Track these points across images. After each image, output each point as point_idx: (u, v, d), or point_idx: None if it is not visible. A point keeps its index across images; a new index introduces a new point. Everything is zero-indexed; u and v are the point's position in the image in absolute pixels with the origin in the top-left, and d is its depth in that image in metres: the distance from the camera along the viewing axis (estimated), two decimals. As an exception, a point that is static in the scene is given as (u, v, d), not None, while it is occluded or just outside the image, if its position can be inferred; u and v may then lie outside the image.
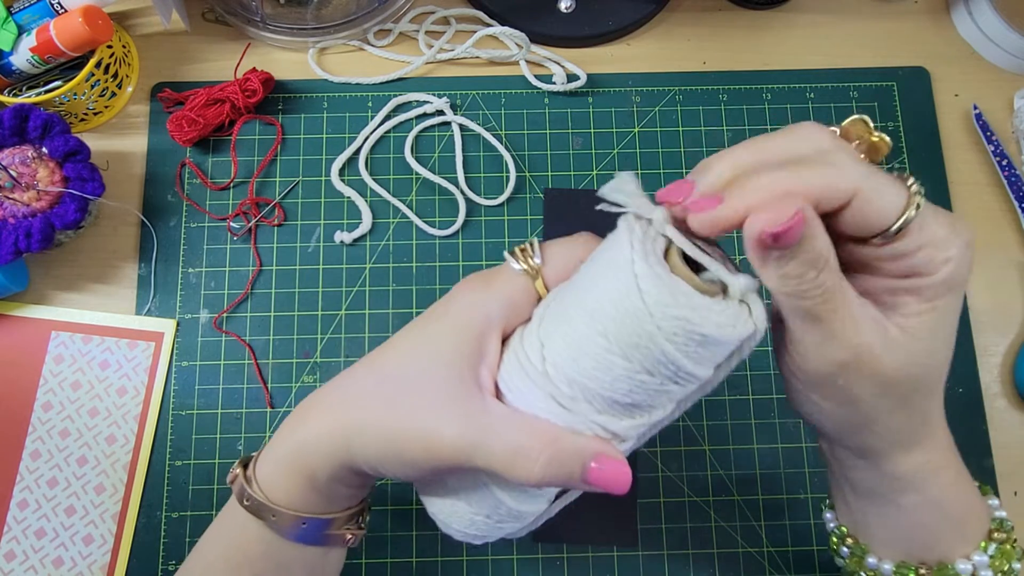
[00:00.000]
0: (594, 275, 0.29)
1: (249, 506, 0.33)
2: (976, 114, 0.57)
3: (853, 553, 0.34)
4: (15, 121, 0.50)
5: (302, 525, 0.33)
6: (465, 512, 0.33)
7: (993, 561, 0.31)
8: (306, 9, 0.58)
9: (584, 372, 0.28)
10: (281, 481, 0.33)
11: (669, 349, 0.27)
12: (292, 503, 0.33)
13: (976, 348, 0.53)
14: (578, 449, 0.28)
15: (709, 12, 0.61)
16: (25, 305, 0.53)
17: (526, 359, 0.30)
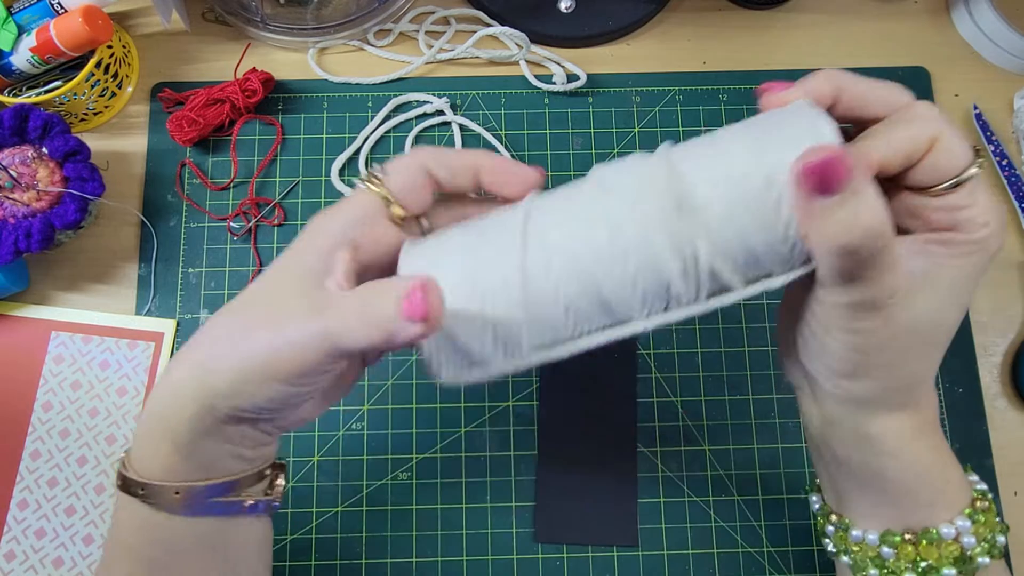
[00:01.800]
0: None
1: (121, 485, 0.31)
2: (976, 114, 0.57)
3: (838, 529, 0.35)
4: (15, 121, 0.50)
5: (174, 495, 0.31)
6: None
7: (976, 527, 0.32)
8: (306, 9, 0.58)
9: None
10: (148, 451, 0.31)
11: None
12: (163, 473, 0.31)
13: (976, 348, 0.53)
14: (390, 287, 0.28)
15: (709, 12, 0.61)
16: (25, 305, 0.53)
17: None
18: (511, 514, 0.50)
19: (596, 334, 0.31)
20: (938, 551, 0.31)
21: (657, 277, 0.29)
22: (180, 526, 0.32)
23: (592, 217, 0.30)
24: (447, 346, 0.31)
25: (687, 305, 0.30)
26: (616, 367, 0.52)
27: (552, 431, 0.51)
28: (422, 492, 0.50)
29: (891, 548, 0.32)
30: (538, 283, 0.30)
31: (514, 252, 0.30)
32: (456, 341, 0.30)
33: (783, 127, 0.29)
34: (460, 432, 0.51)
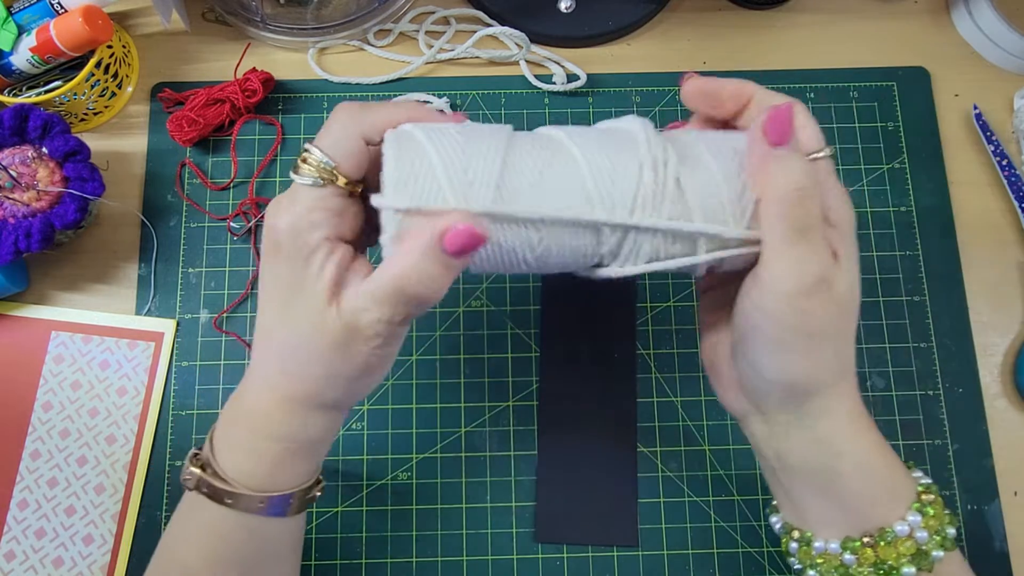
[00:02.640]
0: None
1: (232, 503, 0.34)
2: (976, 114, 0.57)
3: (801, 543, 0.35)
4: (15, 121, 0.50)
5: (289, 501, 0.35)
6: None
7: (926, 520, 0.32)
8: (306, 9, 0.58)
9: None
10: (263, 466, 0.34)
11: None
12: (289, 480, 0.35)
13: (976, 348, 0.53)
14: (429, 240, 0.31)
15: (709, 12, 0.61)
16: (25, 305, 0.53)
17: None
18: (511, 514, 0.50)
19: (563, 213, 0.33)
20: (895, 550, 0.32)
21: (629, 165, 0.33)
22: (275, 527, 0.35)
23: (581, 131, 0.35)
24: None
25: (650, 211, 0.32)
26: (616, 367, 0.52)
27: (552, 431, 0.51)
28: (422, 492, 0.50)
29: (852, 554, 0.33)
30: (520, 158, 0.33)
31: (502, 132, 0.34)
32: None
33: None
34: (460, 432, 0.51)
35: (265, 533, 0.35)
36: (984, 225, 0.56)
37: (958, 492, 0.50)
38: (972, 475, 0.51)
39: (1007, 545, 0.49)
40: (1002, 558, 0.49)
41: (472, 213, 0.31)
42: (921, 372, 0.53)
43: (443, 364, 0.53)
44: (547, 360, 0.53)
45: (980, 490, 0.50)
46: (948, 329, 0.53)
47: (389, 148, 0.32)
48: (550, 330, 0.53)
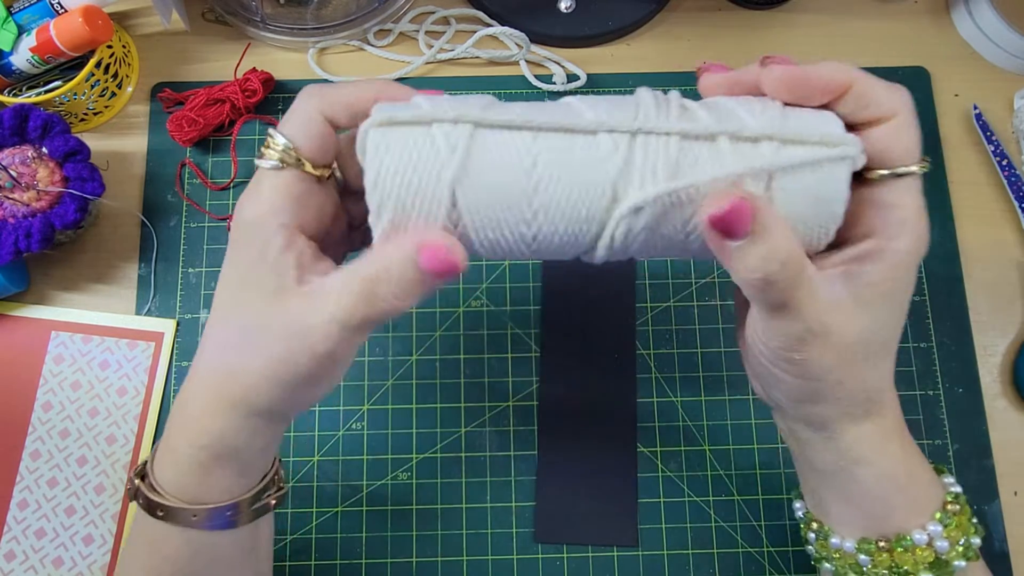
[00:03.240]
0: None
1: (164, 516, 0.31)
2: (976, 114, 0.57)
3: (819, 536, 0.35)
4: (15, 121, 0.50)
5: (227, 513, 0.32)
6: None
7: (948, 531, 0.32)
8: (306, 9, 0.58)
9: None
10: (189, 476, 0.31)
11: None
12: (220, 494, 0.32)
13: (976, 348, 0.53)
14: (407, 246, 0.29)
15: (709, 12, 0.61)
16: (25, 305, 0.53)
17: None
18: (511, 514, 0.50)
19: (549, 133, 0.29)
20: (912, 557, 0.32)
21: (628, 100, 0.30)
22: (222, 539, 0.32)
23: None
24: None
25: (654, 118, 0.29)
26: (616, 367, 0.52)
27: (552, 431, 0.51)
28: (422, 492, 0.50)
29: (867, 556, 0.33)
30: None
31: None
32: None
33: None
34: (460, 432, 0.51)
35: (212, 548, 0.32)
36: (984, 225, 0.56)
37: (958, 492, 0.51)
38: (972, 475, 0.51)
39: (1007, 545, 0.49)
40: (1002, 558, 0.49)
41: (446, 228, 0.29)
42: (921, 372, 0.53)
43: (443, 364, 0.53)
44: (547, 360, 0.53)
45: (980, 490, 0.50)
46: (948, 329, 0.53)
47: (371, 139, 0.29)
48: (550, 330, 0.53)
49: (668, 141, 0.28)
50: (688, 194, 0.28)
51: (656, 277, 0.54)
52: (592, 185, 0.29)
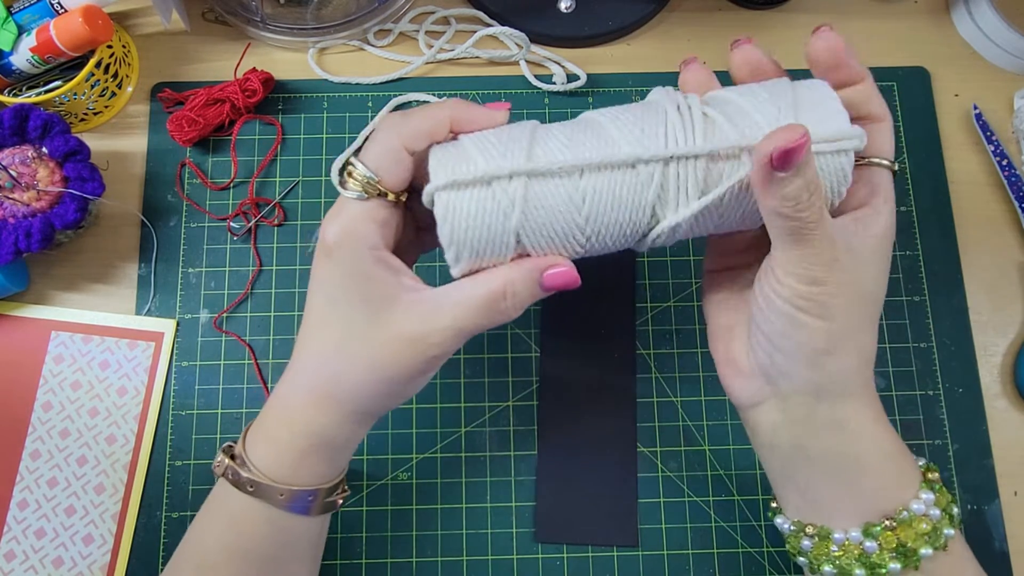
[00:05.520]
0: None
1: (253, 491, 0.35)
2: (976, 114, 0.57)
3: (818, 539, 0.35)
4: (15, 121, 0.50)
5: (308, 498, 0.35)
6: None
7: (938, 498, 0.34)
8: (306, 9, 0.58)
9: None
10: (285, 459, 0.35)
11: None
12: (311, 478, 0.35)
13: (976, 348, 0.53)
14: (532, 267, 0.34)
15: (709, 12, 0.61)
16: (25, 305, 0.53)
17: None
18: (511, 514, 0.50)
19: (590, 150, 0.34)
20: (913, 530, 0.33)
21: (655, 113, 0.34)
22: (298, 525, 0.36)
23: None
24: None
25: (683, 140, 0.33)
26: (616, 367, 0.52)
27: (552, 431, 0.51)
28: (422, 492, 0.50)
29: (873, 540, 0.33)
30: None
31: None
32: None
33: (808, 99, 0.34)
34: (460, 432, 0.51)
35: (287, 530, 0.36)
36: (984, 225, 0.56)
37: (958, 492, 0.50)
38: (972, 475, 0.51)
39: (1007, 545, 0.49)
40: (1002, 558, 0.49)
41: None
42: (921, 372, 0.53)
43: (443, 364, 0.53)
44: (547, 360, 0.53)
45: (980, 490, 0.50)
46: (948, 329, 0.53)
47: (438, 204, 0.33)
48: (550, 330, 0.53)
49: (696, 165, 0.33)
50: (715, 203, 0.33)
51: (656, 277, 0.54)
52: (635, 210, 0.33)
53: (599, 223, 0.33)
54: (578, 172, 0.33)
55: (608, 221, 0.33)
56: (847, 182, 0.34)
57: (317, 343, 0.35)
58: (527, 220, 0.33)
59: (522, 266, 0.34)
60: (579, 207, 0.33)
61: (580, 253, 0.35)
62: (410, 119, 0.34)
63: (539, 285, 0.34)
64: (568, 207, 0.33)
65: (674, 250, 0.55)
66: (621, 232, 0.34)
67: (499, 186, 0.33)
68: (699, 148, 0.32)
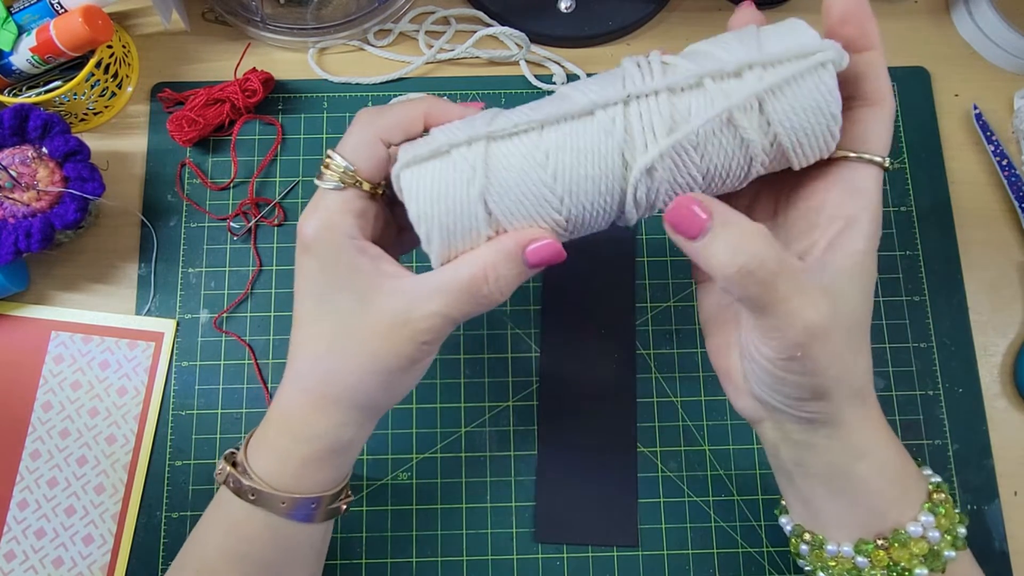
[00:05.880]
0: None
1: (254, 500, 0.34)
2: (976, 114, 0.57)
3: (813, 546, 0.35)
4: (15, 121, 0.50)
5: (311, 506, 0.35)
6: None
7: (939, 520, 0.32)
8: (306, 9, 0.58)
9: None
10: (285, 467, 0.35)
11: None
12: (313, 486, 0.35)
13: (976, 348, 0.53)
14: (511, 243, 0.32)
15: (709, 12, 0.61)
16: (25, 305, 0.53)
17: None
18: (511, 514, 0.50)
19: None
20: (908, 551, 0.32)
21: (613, 72, 0.32)
22: (299, 532, 0.36)
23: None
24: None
25: (639, 81, 0.31)
26: (616, 367, 0.52)
27: (552, 431, 0.51)
28: (422, 492, 0.50)
29: (865, 557, 0.33)
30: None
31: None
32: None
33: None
34: (460, 432, 0.51)
35: (289, 537, 0.35)
36: (984, 226, 0.56)
37: (958, 492, 0.50)
38: (972, 475, 0.51)
39: (1007, 545, 0.49)
40: (1002, 558, 0.49)
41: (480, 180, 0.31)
42: (921, 372, 0.53)
43: (443, 364, 0.53)
44: (547, 360, 0.53)
45: (980, 490, 0.50)
46: (948, 329, 0.53)
47: (404, 181, 0.32)
48: (550, 330, 0.53)
49: (658, 99, 0.31)
50: (690, 140, 0.31)
51: (656, 277, 0.54)
52: (602, 159, 0.31)
53: (569, 180, 0.31)
54: (537, 128, 0.32)
55: (578, 176, 0.31)
56: (837, 104, 0.30)
57: (309, 343, 0.34)
58: (491, 184, 0.31)
59: (501, 245, 0.32)
60: (543, 163, 0.31)
61: (562, 223, 0.33)
62: (385, 113, 0.34)
63: (523, 263, 0.32)
64: (532, 164, 0.31)
65: (674, 250, 0.55)
66: (596, 190, 0.32)
67: (458, 153, 0.32)
68: (656, 84, 0.31)
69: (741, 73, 0.30)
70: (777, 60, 0.30)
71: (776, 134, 0.31)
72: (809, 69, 0.30)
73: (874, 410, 0.34)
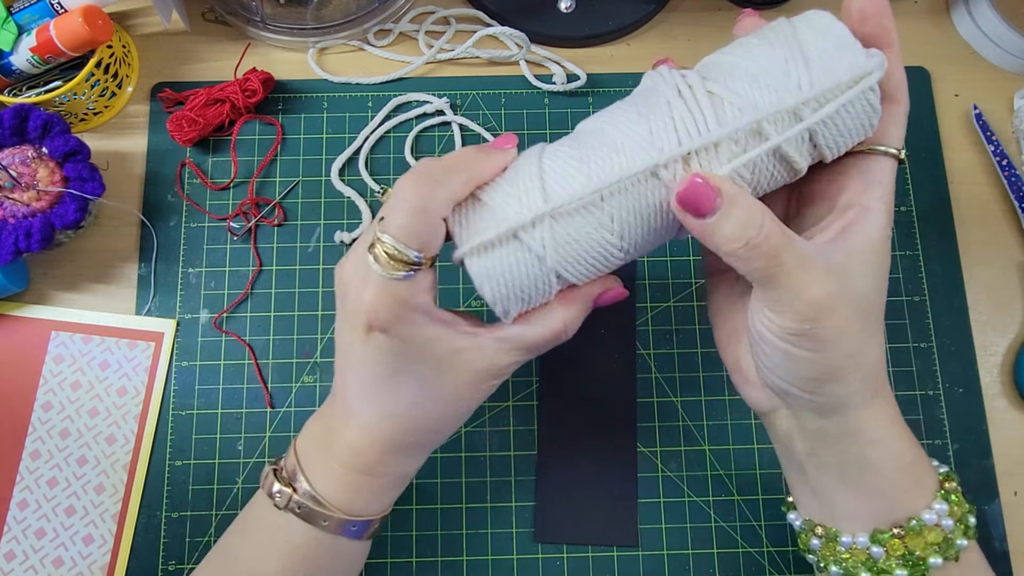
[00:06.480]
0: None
1: (326, 527, 0.35)
2: (976, 114, 0.57)
3: (825, 540, 0.35)
4: (15, 121, 0.50)
5: (372, 525, 0.37)
6: None
7: (952, 508, 0.33)
8: (306, 9, 0.58)
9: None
10: (353, 496, 0.36)
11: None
12: (365, 507, 0.36)
13: (976, 348, 0.53)
14: (584, 297, 0.36)
15: (709, 12, 0.61)
16: (25, 305, 0.53)
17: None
18: (511, 514, 0.50)
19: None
20: (924, 540, 0.32)
21: (657, 105, 0.32)
22: (354, 548, 0.37)
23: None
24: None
25: (695, 130, 0.31)
26: (616, 367, 0.52)
27: (552, 431, 0.51)
28: (422, 492, 0.50)
29: (880, 547, 0.33)
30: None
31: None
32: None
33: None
34: (460, 432, 0.51)
35: (343, 552, 0.37)
36: (984, 226, 0.56)
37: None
38: (972, 475, 0.51)
39: (1007, 545, 0.49)
40: (1002, 558, 0.49)
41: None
42: (921, 372, 0.53)
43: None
44: (547, 360, 0.53)
45: (980, 490, 0.50)
46: (948, 329, 0.53)
47: (475, 270, 0.33)
48: (550, 330, 0.53)
49: (718, 152, 0.31)
50: (744, 177, 0.32)
51: (656, 277, 0.54)
52: (666, 212, 0.32)
53: (634, 235, 0.33)
54: (599, 197, 0.32)
55: (643, 231, 0.33)
56: (878, 117, 0.32)
57: (387, 405, 0.35)
58: (562, 258, 0.33)
59: (575, 302, 0.35)
60: (609, 228, 0.32)
61: (619, 262, 0.34)
62: (438, 187, 0.32)
63: (590, 308, 0.36)
64: (599, 232, 0.32)
65: (674, 250, 0.55)
66: (658, 235, 0.33)
67: (525, 235, 0.32)
68: (715, 134, 0.31)
69: (799, 112, 0.31)
70: (834, 89, 0.30)
71: (822, 153, 0.32)
72: (860, 94, 0.31)
73: (888, 402, 0.34)
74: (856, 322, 0.31)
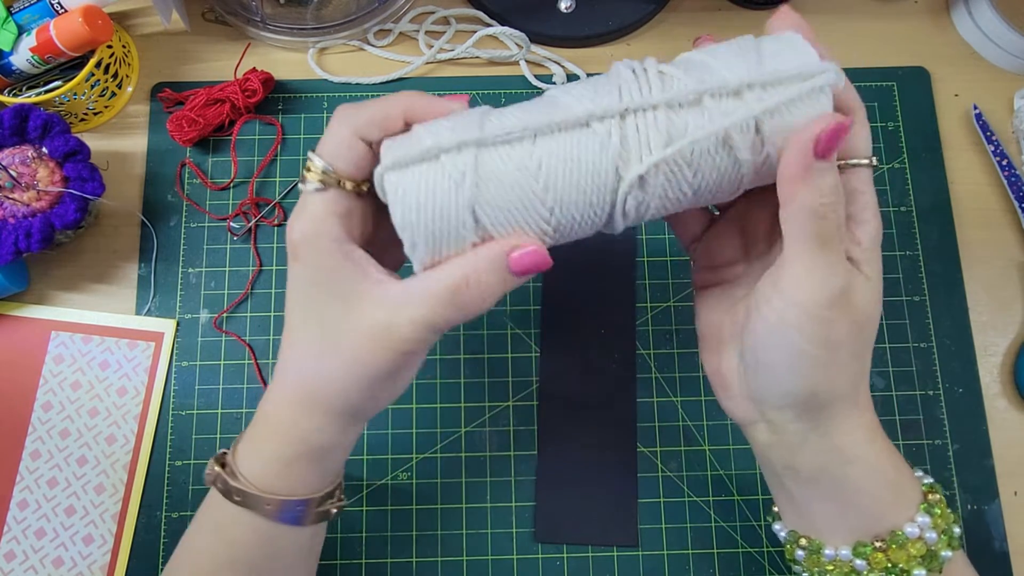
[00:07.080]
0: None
1: (240, 502, 0.34)
2: (976, 114, 0.57)
3: (809, 552, 0.35)
4: (15, 121, 0.50)
5: (297, 508, 0.35)
6: None
7: (935, 520, 0.33)
8: (306, 9, 0.58)
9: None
10: (271, 469, 0.34)
11: None
12: (303, 488, 0.35)
13: (976, 348, 0.53)
14: (496, 252, 0.31)
15: (709, 12, 0.61)
16: (25, 305, 0.53)
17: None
18: (511, 514, 0.50)
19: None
20: (906, 552, 0.32)
21: (608, 76, 0.32)
22: (285, 535, 0.35)
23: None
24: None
25: (638, 94, 0.31)
26: (616, 367, 0.52)
27: (552, 431, 0.51)
28: (422, 492, 0.50)
29: (863, 560, 0.33)
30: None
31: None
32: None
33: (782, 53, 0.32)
34: (460, 432, 0.51)
35: (276, 540, 0.35)
36: (984, 226, 0.56)
37: (958, 492, 0.50)
38: (972, 475, 0.51)
39: (1007, 545, 0.49)
40: (1002, 558, 0.49)
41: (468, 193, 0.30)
42: (921, 372, 0.53)
43: (443, 364, 0.53)
44: (547, 360, 0.53)
45: (980, 490, 0.50)
46: (948, 329, 0.53)
47: (389, 184, 0.31)
48: (550, 330, 0.53)
49: (656, 115, 0.30)
50: (684, 157, 0.31)
51: (656, 277, 0.54)
52: (596, 171, 0.31)
53: (560, 191, 0.31)
54: (530, 137, 0.31)
55: (569, 187, 0.31)
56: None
57: (296, 349, 0.34)
58: (481, 193, 0.30)
59: (484, 252, 0.31)
60: (535, 174, 0.31)
61: (549, 232, 0.32)
62: (363, 108, 0.33)
63: (507, 270, 0.31)
64: (524, 175, 0.30)
65: (674, 250, 0.55)
66: (587, 201, 0.31)
67: (447, 159, 0.30)
68: (656, 97, 0.30)
69: (741, 93, 0.30)
70: (777, 81, 0.30)
71: (768, 153, 0.31)
72: (809, 92, 0.30)
73: (867, 413, 0.34)
74: (859, 328, 0.32)
